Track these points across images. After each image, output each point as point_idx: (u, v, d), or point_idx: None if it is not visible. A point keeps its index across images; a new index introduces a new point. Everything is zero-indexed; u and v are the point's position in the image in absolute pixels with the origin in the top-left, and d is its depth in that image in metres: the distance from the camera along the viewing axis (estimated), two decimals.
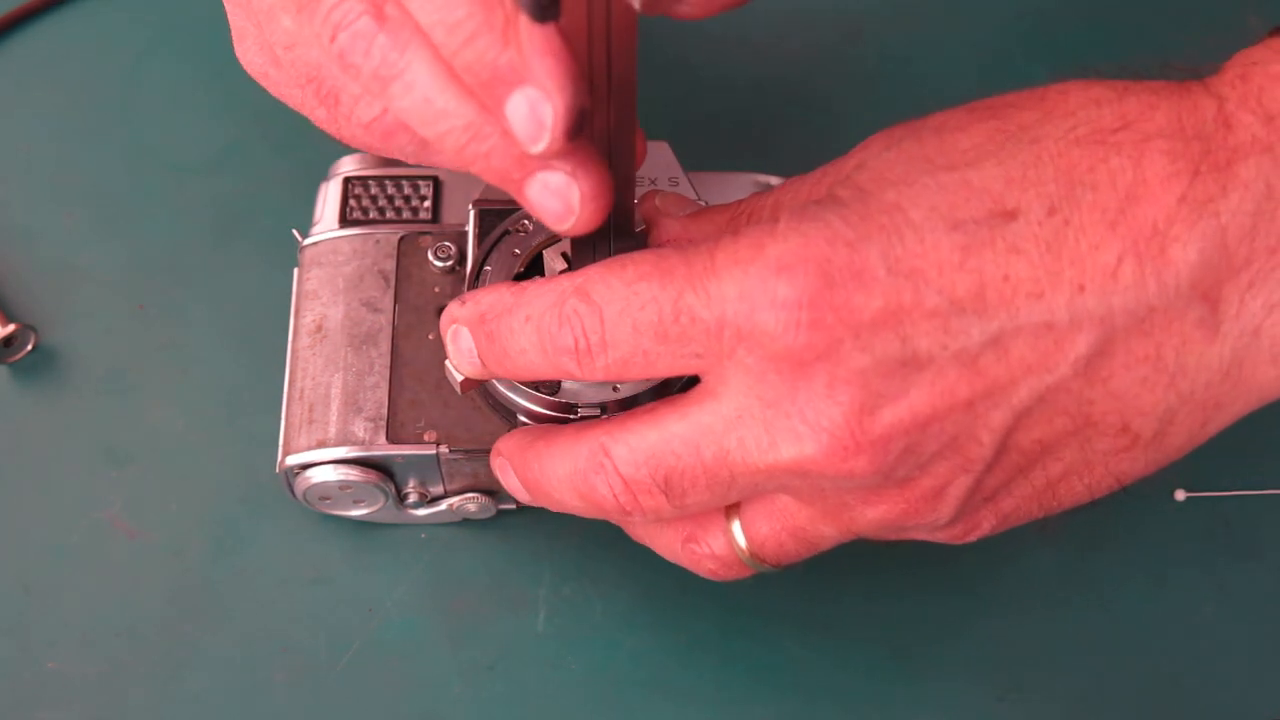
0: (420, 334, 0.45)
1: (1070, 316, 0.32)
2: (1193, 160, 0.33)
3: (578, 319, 0.34)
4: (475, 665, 0.45)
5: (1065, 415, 0.34)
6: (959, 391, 0.33)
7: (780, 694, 0.45)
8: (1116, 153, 0.33)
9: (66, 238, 0.52)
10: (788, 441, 0.33)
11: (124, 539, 0.47)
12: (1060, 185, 0.33)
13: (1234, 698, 0.45)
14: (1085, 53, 0.56)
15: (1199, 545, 0.47)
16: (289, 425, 0.44)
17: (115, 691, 0.44)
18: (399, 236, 0.46)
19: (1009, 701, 0.45)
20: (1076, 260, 0.32)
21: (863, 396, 0.32)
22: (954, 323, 0.32)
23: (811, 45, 0.57)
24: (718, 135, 0.54)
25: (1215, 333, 0.33)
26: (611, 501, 0.36)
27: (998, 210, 0.33)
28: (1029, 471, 0.35)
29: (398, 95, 0.33)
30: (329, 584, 0.46)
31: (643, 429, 0.35)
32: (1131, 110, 0.33)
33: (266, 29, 0.37)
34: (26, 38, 0.56)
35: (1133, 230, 0.32)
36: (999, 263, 0.32)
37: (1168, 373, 0.33)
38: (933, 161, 0.33)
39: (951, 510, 0.35)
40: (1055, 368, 0.33)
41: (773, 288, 0.32)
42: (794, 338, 0.32)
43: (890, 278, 0.32)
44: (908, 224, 0.32)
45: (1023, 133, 0.34)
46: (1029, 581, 0.46)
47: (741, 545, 0.38)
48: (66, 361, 0.50)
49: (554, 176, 0.33)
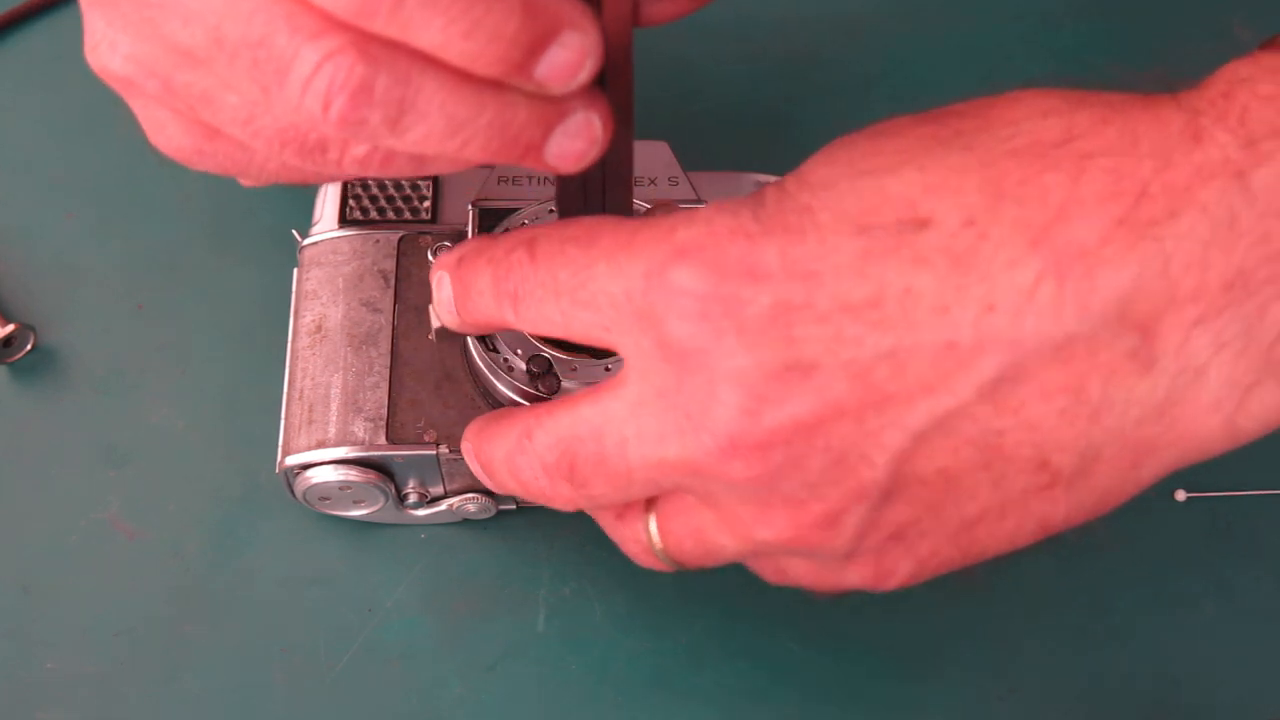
0: (420, 334, 0.45)
1: (976, 336, 0.30)
2: (1140, 180, 0.30)
3: (518, 268, 0.34)
4: (475, 665, 0.45)
5: (972, 446, 0.31)
6: (846, 403, 0.31)
7: (780, 694, 0.45)
8: (1053, 168, 0.30)
9: (66, 238, 0.52)
10: (673, 435, 0.32)
11: (124, 539, 0.47)
12: (983, 196, 0.30)
13: (1234, 698, 0.45)
14: (1085, 53, 0.56)
15: (1199, 545, 0.47)
16: (289, 425, 0.44)
17: (115, 691, 0.44)
18: (399, 236, 0.46)
19: (1009, 701, 0.45)
20: (988, 277, 0.30)
21: (742, 397, 0.31)
22: (847, 330, 0.30)
23: (811, 45, 0.57)
24: (718, 135, 0.54)
25: (1150, 367, 0.30)
26: (535, 485, 0.36)
27: (910, 218, 0.31)
28: (940, 510, 0.32)
29: (411, 126, 0.30)
30: (329, 584, 0.46)
31: (562, 413, 0.35)
32: (1080, 124, 0.31)
33: (204, 113, 0.33)
34: (26, 38, 0.56)
35: (1057, 250, 0.30)
36: (902, 272, 0.30)
37: (1090, 405, 0.31)
38: (855, 165, 0.32)
39: (848, 540, 0.33)
40: (957, 390, 0.30)
41: (669, 272, 0.31)
42: (680, 327, 0.31)
43: (784, 277, 0.31)
44: (814, 225, 0.31)
45: (956, 139, 0.31)
46: (1029, 582, 0.46)
47: (655, 539, 0.36)
48: (66, 361, 0.50)
49: (573, 120, 0.32)
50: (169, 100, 0.33)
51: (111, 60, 0.33)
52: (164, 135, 0.35)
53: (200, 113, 0.33)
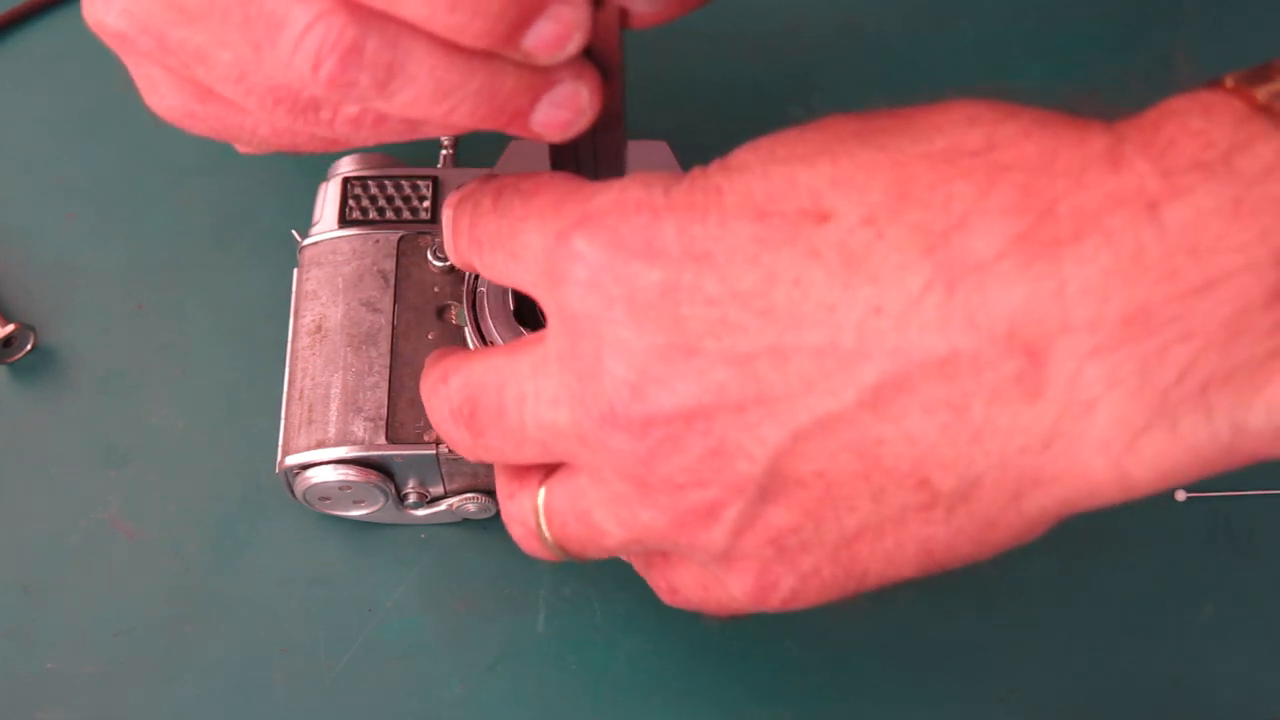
0: (420, 334, 0.45)
1: (859, 339, 0.29)
2: (1049, 198, 0.29)
3: (482, 216, 0.35)
4: (475, 665, 0.45)
5: (850, 452, 0.30)
6: (727, 391, 0.30)
7: (780, 695, 0.45)
8: (964, 175, 0.29)
9: (66, 238, 0.52)
10: (564, 400, 0.33)
11: (124, 539, 0.47)
12: (888, 197, 0.30)
13: (1234, 698, 0.45)
14: (1085, 53, 0.56)
15: (1199, 545, 0.47)
16: (288, 425, 0.44)
17: (115, 691, 0.44)
18: (399, 236, 0.46)
19: (1009, 701, 0.45)
20: (877, 278, 0.29)
21: (626, 370, 0.31)
22: (732, 316, 0.30)
23: (811, 45, 0.57)
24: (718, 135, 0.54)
25: (1037, 395, 0.29)
26: (442, 427, 0.37)
27: (812, 210, 0.30)
28: (820, 519, 0.32)
29: (399, 89, 0.30)
30: (329, 584, 0.46)
31: (478, 360, 0.36)
32: (1003, 135, 0.30)
33: (198, 70, 0.33)
34: (26, 38, 0.56)
35: (951, 259, 0.29)
36: (794, 263, 0.30)
37: (973, 425, 0.29)
38: (774, 153, 0.31)
39: (726, 535, 0.32)
40: (839, 391, 0.30)
41: (572, 237, 0.32)
42: (573, 292, 0.31)
43: (679, 255, 0.30)
44: (718, 206, 0.31)
45: (875, 137, 0.31)
46: (1029, 581, 0.46)
47: (541, 520, 0.36)
48: (66, 361, 0.50)
49: (560, 89, 0.32)
50: (163, 57, 0.33)
51: (106, 15, 0.33)
52: (157, 95, 0.35)
53: (194, 70, 0.33)
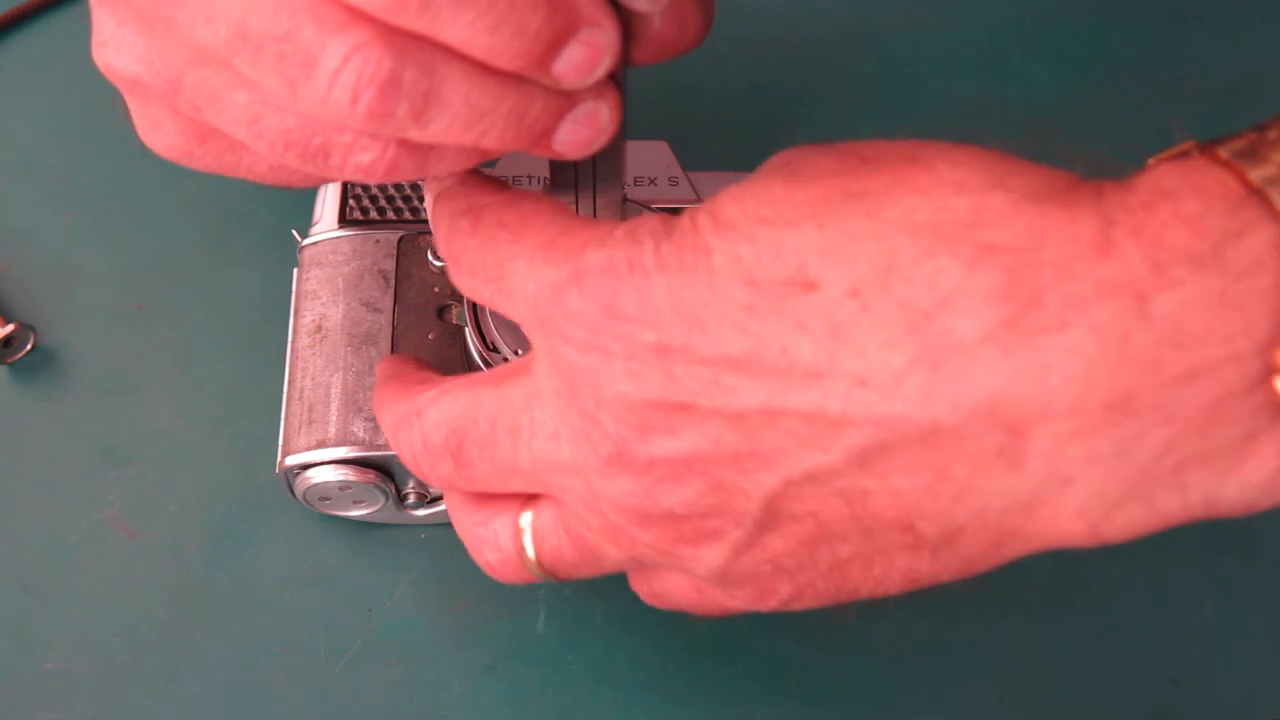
0: (420, 334, 0.45)
1: (844, 408, 0.30)
2: (1037, 286, 0.29)
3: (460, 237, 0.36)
4: (475, 665, 0.45)
5: (840, 498, 0.31)
6: (724, 443, 0.31)
7: (780, 694, 0.45)
8: (950, 252, 0.29)
9: (66, 238, 0.52)
10: (566, 437, 0.33)
11: (124, 539, 0.47)
12: (874, 270, 0.30)
13: (1234, 698, 0.45)
14: (1085, 53, 0.56)
15: (1199, 545, 0.47)
16: (289, 425, 0.44)
17: (115, 691, 0.44)
18: (399, 236, 0.46)
19: (1009, 701, 0.45)
20: (862, 353, 0.30)
21: (630, 417, 0.32)
22: (724, 379, 0.31)
23: (811, 45, 0.57)
24: (718, 135, 0.54)
25: (1018, 467, 0.29)
26: (412, 460, 0.36)
27: (798, 279, 0.30)
28: (814, 547, 0.33)
29: (435, 117, 0.30)
30: (329, 584, 0.46)
31: (461, 393, 0.36)
32: (991, 209, 0.30)
33: (209, 112, 0.33)
34: (26, 38, 0.56)
35: (934, 339, 0.29)
36: (781, 333, 0.30)
37: (955, 487, 0.30)
38: (760, 213, 0.32)
39: (725, 555, 0.33)
40: (828, 449, 0.30)
41: (567, 295, 0.32)
42: (573, 349, 0.32)
43: (671, 319, 0.31)
44: (708, 269, 0.31)
45: (862, 200, 0.31)
46: (1029, 581, 0.46)
47: (527, 539, 0.36)
48: (66, 361, 0.50)
49: (581, 109, 0.32)
50: (172, 100, 0.33)
51: (118, 59, 0.33)
52: (158, 134, 0.35)
53: (204, 113, 0.33)
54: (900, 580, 0.33)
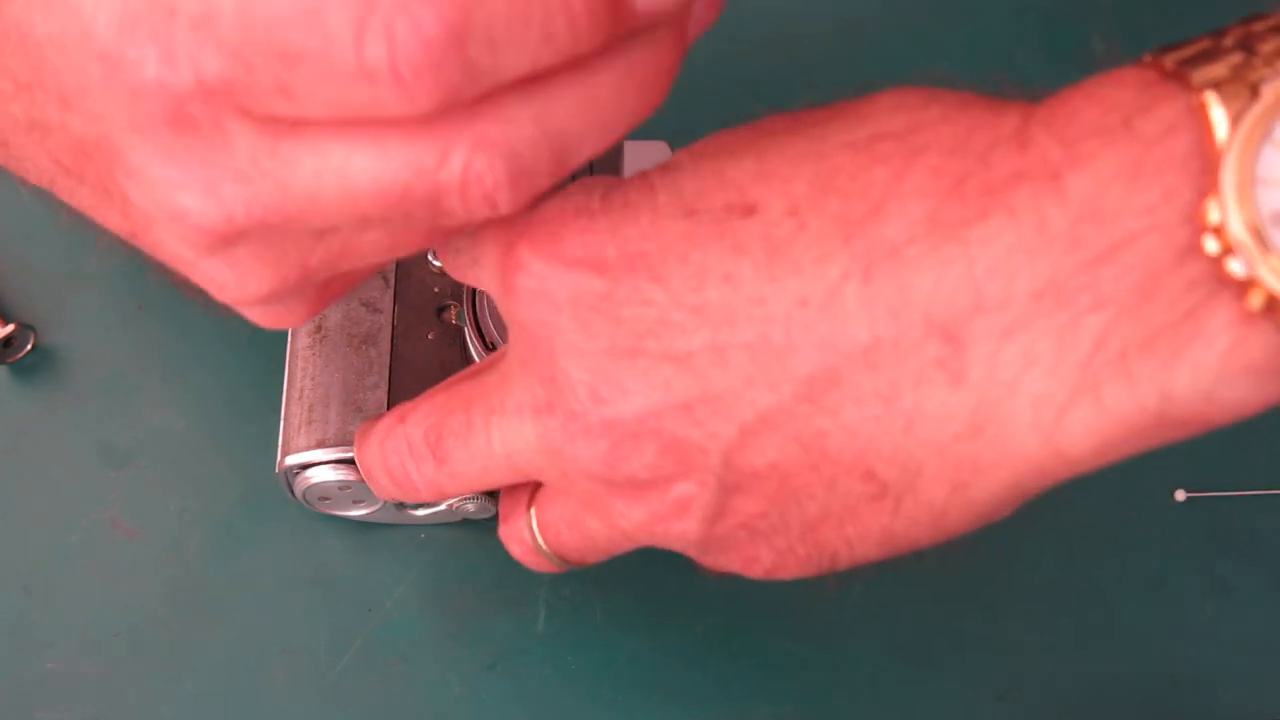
0: (420, 334, 0.45)
1: (788, 331, 0.29)
2: (956, 177, 0.28)
3: None
4: (475, 665, 0.45)
5: (797, 444, 0.30)
6: (674, 390, 0.30)
7: (780, 694, 0.45)
8: (883, 162, 0.29)
9: (66, 238, 0.52)
10: (528, 404, 0.32)
11: (124, 539, 0.47)
12: (811, 187, 0.29)
13: (1234, 698, 0.45)
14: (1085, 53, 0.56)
15: (1199, 545, 0.47)
16: (288, 425, 0.44)
17: (115, 691, 0.44)
18: None
19: (1009, 701, 0.45)
20: (800, 270, 0.29)
21: (581, 373, 0.31)
22: (670, 316, 0.30)
23: (811, 45, 0.57)
24: None
25: (960, 378, 0.28)
26: (401, 471, 0.36)
27: (738, 204, 0.30)
28: (783, 505, 0.32)
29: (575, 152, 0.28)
30: (329, 584, 0.46)
31: (439, 392, 0.35)
32: (924, 120, 0.30)
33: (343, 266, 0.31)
34: None
35: (868, 247, 0.28)
36: (722, 259, 0.30)
37: (904, 415, 0.29)
38: (704, 151, 0.31)
39: (698, 525, 0.32)
40: (778, 385, 0.29)
41: (517, 247, 0.31)
42: (524, 302, 0.31)
43: (616, 258, 0.30)
44: (649, 206, 0.31)
45: (804, 130, 0.31)
46: (1029, 581, 0.46)
47: (536, 533, 0.37)
48: (66, 361, 0.50)
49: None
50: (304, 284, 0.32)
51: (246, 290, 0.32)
52: (252, 281, 0.32)
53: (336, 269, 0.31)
54: (876, 542, 0.32)
